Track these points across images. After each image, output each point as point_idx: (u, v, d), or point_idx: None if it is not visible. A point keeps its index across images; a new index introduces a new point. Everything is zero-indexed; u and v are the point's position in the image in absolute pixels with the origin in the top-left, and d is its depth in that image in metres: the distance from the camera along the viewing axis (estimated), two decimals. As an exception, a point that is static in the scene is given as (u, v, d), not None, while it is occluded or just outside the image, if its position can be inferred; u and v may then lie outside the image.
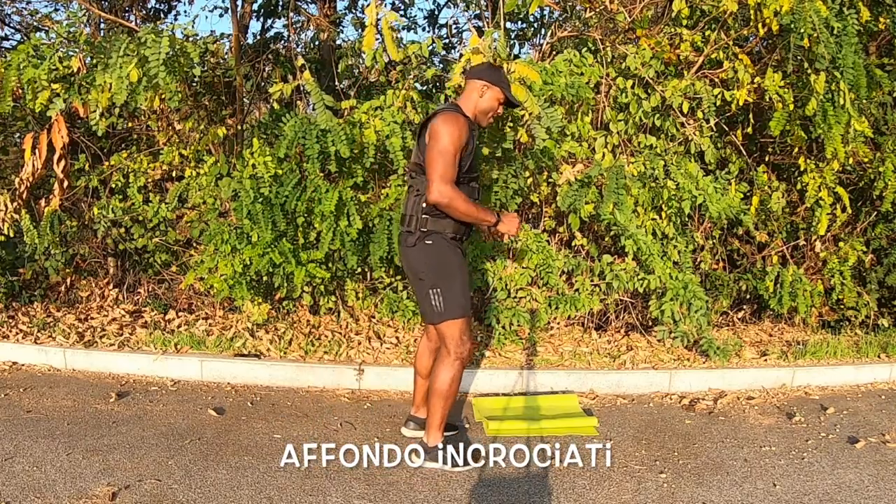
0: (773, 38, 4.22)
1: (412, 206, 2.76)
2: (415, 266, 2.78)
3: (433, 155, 2.62)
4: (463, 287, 2.79)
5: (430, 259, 2.74)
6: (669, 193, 4.03)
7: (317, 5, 6.01)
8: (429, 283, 2.75)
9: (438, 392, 2.81)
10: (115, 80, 3.32)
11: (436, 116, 2.69)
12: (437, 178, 2.60)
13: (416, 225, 2.74)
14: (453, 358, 2.78)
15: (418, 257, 2.76)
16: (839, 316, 4.87)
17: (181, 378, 3.85)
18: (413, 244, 2.75)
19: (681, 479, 2.85)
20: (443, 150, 2.60)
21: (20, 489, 2.55)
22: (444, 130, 2.62)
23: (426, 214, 2.72)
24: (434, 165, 2.60)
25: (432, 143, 2.63)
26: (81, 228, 4.68)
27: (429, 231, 2.73)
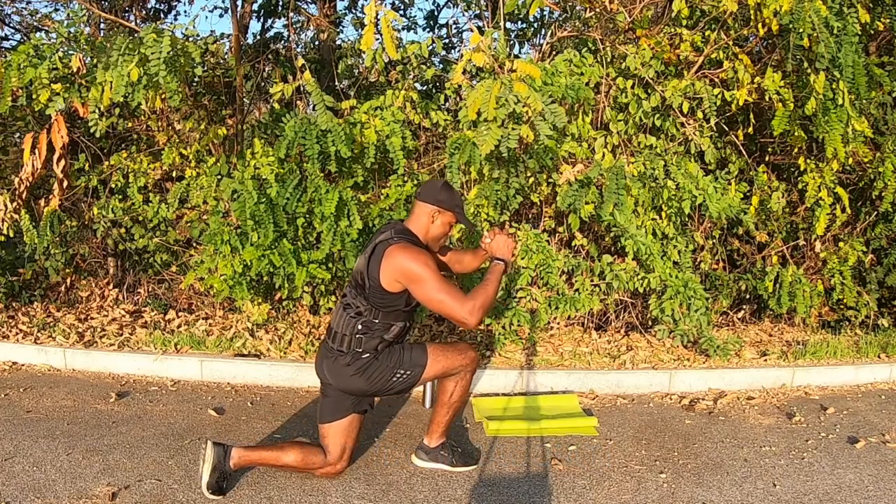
0: (773, 38, 4.22)
1: (346, 324, 2.61)
2: (353, 385, 2.63)
3: (432, 297, 2.44)
4: (410, 350, 2.67)
5: (372, 370, 2.62)
6: (669, 193, 4.03)
7: (317, 5, 6.02)
8: (384, 383, 2.63)
9: (450, 404, 2.81)
10: (116, 77, 3.32)
11: (390, 247, 2.51)
12: (462, 311, 2.42)
13: (351, 345, 2.60)
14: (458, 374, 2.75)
15: (356, 374, 2.61)
16: (839, 316, 4.87)
17: (181, 378, 3.85)
18: (348, 363, 2.61)
19: (681, 479, 2.85)
20: (433, 286, 2.44)
21: (20, 489, 2.55)
22: (416, 266, 2.46)
23: (361, 335, 2.59)
24: (444, 304, 2.44)
25: (417, 286, 2.47)
26: (81, 228, 4.69)
27: (363, 350, 2.60)
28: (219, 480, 2.54)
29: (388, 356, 2.64)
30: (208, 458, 2.51)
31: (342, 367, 2.62)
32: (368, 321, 2.59)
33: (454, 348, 2.76)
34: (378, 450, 3.03)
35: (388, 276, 2.50)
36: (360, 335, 2.60)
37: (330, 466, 2.68)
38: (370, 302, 2.57)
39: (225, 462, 2.55)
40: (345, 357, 2.61)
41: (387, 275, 2.50)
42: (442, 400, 2.81)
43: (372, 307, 2.58)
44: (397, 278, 2.50)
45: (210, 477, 2.50)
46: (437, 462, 2.88)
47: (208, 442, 2.54)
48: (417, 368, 2.66)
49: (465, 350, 2.77)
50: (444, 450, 2.88)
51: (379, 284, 2.52)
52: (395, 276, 2.50)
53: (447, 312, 2.46)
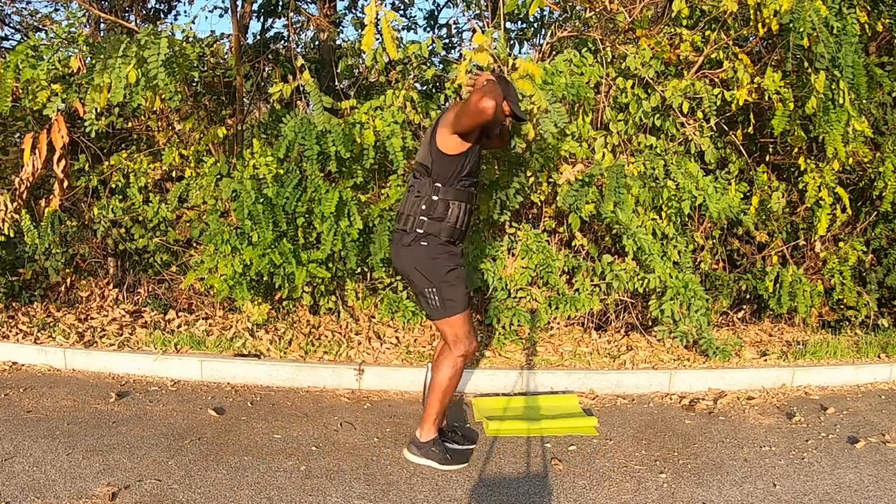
0: (773, 38, 4.22)
1: (411, 206, 2.79)
2: (408, 265, 2.80)
3: (464, 108, 2.60)
4: (458, 285, 2.80)
5: (425, 259, 2.77)
6: (669, 193, 4.03)
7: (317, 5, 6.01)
8: (424, 282, 2.78)
9: (438, 385, 2.85)
10: (114, 79, 3.32)
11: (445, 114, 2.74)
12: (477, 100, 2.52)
13: (413, 225, 2.77)
14: (455, 354, 2.81)
15: (413, 256, 2.78)
16: (839, 316, 4.87)
17: (181, 378, 3.85)
18: (408, 244, 2.78)
19: (681, 479, 2.85)
20: (459, 107, 2.64)
21: (20, 489, 2.55)
22: (451, 110, 2.70)
23: (424, 216, 2.75)
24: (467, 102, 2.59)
25: (457, 116, 2.63)
26: (81, 228, 4.68)
27: (425, 233, 2.76)
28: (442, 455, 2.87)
29: (441, 267, 2.77)
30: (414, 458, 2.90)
31: (403, 248, 2.80)
32: (430, 200, 2.75)
33: (471, 331, 2.87)
34: (378, 450, 3.03)
35: (443, 134, 2.71)
36: (423, 216, 2.76)
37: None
38: (430, 174, 2.75)
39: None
40: (408, 236, 2.79)
41: (442, 134, 2.71)
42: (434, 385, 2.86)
43: (432, 182, 2.75)
44: (449, 129, 2.68)
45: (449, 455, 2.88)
46: (427, 458, 2.89)
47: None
48: (443, 310, 2.79)
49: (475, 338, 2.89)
50: (435, 446, 2.89)
51: (438, 150, 2.72)
52: (448, 129, 2.68)
53: (467, 115, 2.57)
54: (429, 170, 2.75)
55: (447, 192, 2.75)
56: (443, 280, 2.76)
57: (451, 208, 2.76)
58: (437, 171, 2.74)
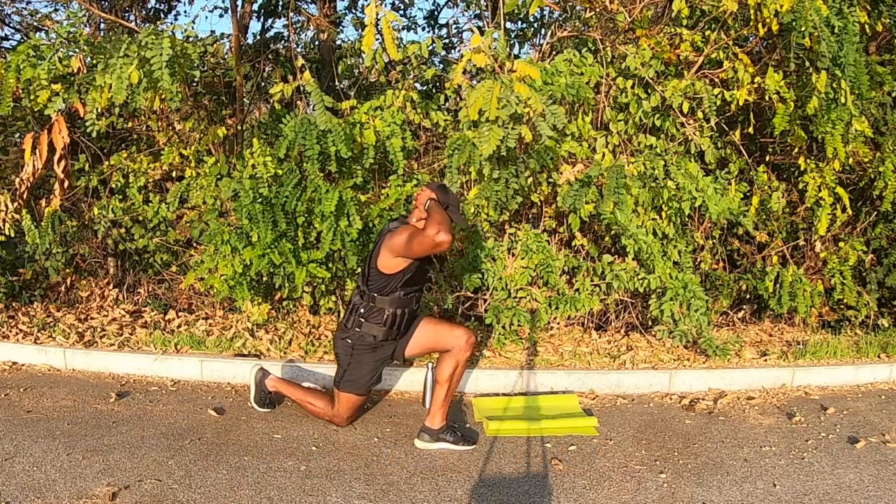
0: (773, 38, 4.22)
1: (354, 305, 3.10)
2: (335, 345, 3.16)
3: (408, 244, 2.84)
4: (364, 373, 3.09)
5: (347, 350, 3.09)
6: (669, 193, 4.03)
7: (317, 5, 6.01)
8: (340, 361, 3.14)
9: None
10: (115, 80, 3.32)
11: (393, 229, 3.02)
12: (429, 236, 2.73)
13: (352, 324, 3.07)
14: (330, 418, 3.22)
15: (340, 344, 3.12)
16: (839, 316, 4.86)
17: (181, 378, 3.85)
18: (343, 338, 3.10)
19: (681, 479, 2.85)
20: (406, 237, 2.85)
21: (20, 489, 2.55)
22: (398, 236, 2.93)
23: (363, 318, 3.04)
24: (416, 241, 2.80)
25: (399, 248, 2.89)
26: (81, 228, 4.68)
27: (361, 333, 3.05)
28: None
29: (360, 356, 3.08)
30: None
31: (338, 338, 3.14)
32: (367, 305, 3.04)
33: (353, 414, 3.24)
34: (378, 450, 3.03)
35: (385, 255, 2.96)
36: (362, 318, 3.05)
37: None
38: (368, 285, 3.03)
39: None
40: (346, 331, 3.10)
41: (384, 255, 2.96)
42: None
43: (368, 291, 3.03)
44: (393, 254, 2.92)
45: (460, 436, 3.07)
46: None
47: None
48: (348, 384, 3.11)
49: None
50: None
51: (376, 268, 2.99)
52: (391, 253, 2.93)
53: (423, 245, 2.78)
54: (367, 279, 3.02)
55: (384, 300, 3.01)
56: (350, 365, 3.09)
57: (386, 314, 3.02)
58: (373, 283, 3.00)
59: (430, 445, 3.05)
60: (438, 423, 3.06)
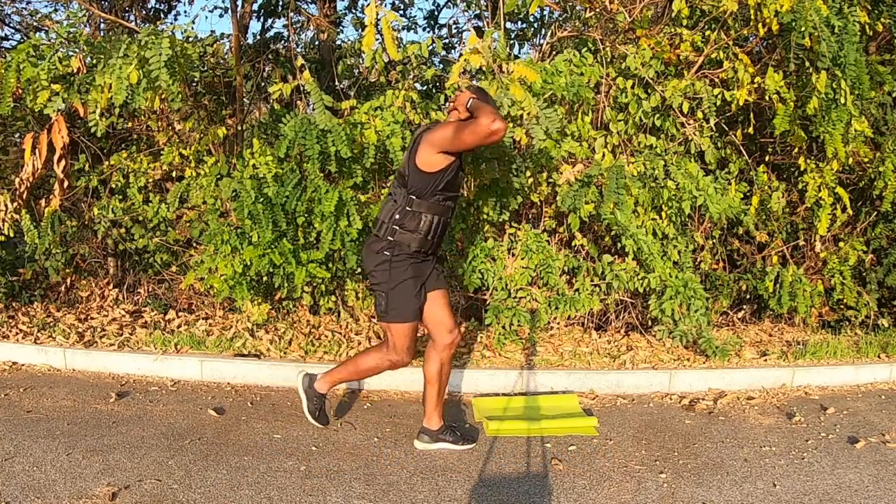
0: (773, 38, 4.22)
1: (387, 213, 2.89)
2: (369, 265, 2.92)
3: (461, 136, 2.64)
4: (409, 296, 2.89)
5: (385, 265, 2.87)
6: (669, 193, 4.03)
7: (317, 5, 6.01)
8: (378, 284, 2.91)
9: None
10: (115, 80, 3.32)
11: (429, 128, 2.81)
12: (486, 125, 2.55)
13: (385, 232, 2.86)
14: (385, 361, 3.04)
15: (376, 260, 2.89)
16: (839, 316, 4.86)
17: (181, 378, 3.85)
18: (377, 251, 2.88)
19: (681, 479, 2.85)
20: (456, 128, 2.66)
21: (20, 489, 2.55)
22: (441, 130, 2.74)
23: (396, 226, 2.84)
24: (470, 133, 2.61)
25: (448, 140, 2.68)
26: (81, 228, 4.68)
27: (395, 241, 2.85)
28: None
29: (402, 272, 2.86)
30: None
31: (370, 252, 2.91)
32: (403, 209, 2.82)
33: (412, 344, 2.99)
34: (378, 450, 3.03)
35: (425, 151, 2.75)
36: (396, 225, 2.84)
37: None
38: (406, 185, 2.81)
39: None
40: (378, 242, 2.89)
41: (424, 151, 2.75)
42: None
43: (408, 192, 2.81)
44: (435, 148, 2.72)
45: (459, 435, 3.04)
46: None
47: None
48: (388, 315, 2.90)
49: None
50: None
51: (415, 165, 2.77)
52: (432, 149, 2.73)
53: (476, 135, 2.60)
54: (405, 181, 2.82)
55: (421, 204, 2.82)
56: (393, 288, 2.87)
57: (423, 220, 2.83)
58: (413, 184, 2.81)
59: (429, 446, 3.04)
60: (436, 423, 3.05)
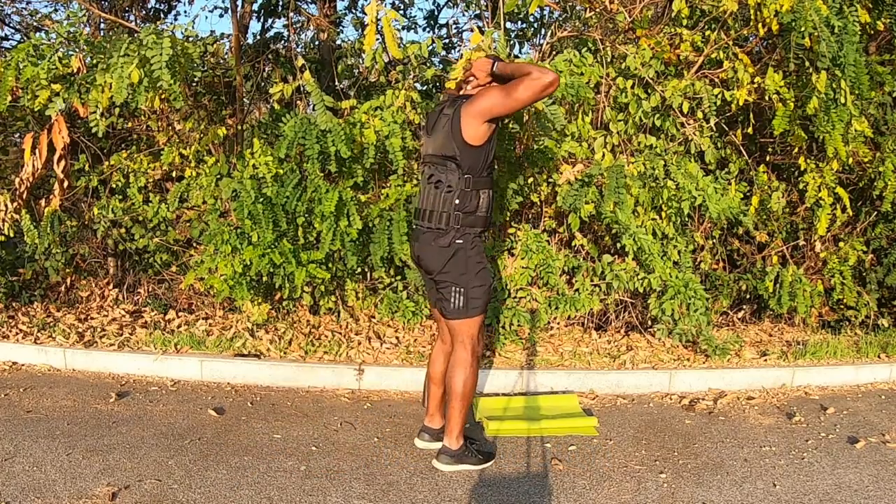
0: (773, 38, 4.22)
1: (441, 202, 2.70)
2: (438, 263, 2.73)
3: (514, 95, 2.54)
4: (485, 285, 2.78)
5: (461, 260, 2.73)
6: (669, 193, 4.03)
7: (317, 5, 6.01)
8: (452, 282, 2.74)
9: (457, 394, 2.81)
10: (116, 80, 3.32)
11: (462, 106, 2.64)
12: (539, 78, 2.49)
13: (449, 222, 2.69)
14: (469, 356, 2.80)
15: (446, 256, 2.72)
16: (839, 316, 4.87)
17: (181, 378, 3.85)
18: (448, 244, 2.71)
19: (681, 479, 2.85)
20: (504, 91, 2.56)
21: (20, 489, 2.55)
22: (486, 97, 2.61)
23: (458, 211, 2.69)
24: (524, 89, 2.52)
25: (500, 103, 2.58)
26: (81, 228, 4.68)
27: (462, 228, 2.70)
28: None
29: (476, 259, 2.74)
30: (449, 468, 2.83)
31: (438, 248, 2.72)
32: (463, 192, 2.67)
33: (480, 335, 2.88)
34: (378, 450, 3.03)
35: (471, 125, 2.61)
36: (458, 211, 2.69)
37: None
38: (461, 166, 2.66)
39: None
40: (446, 235, 2.71)
41: (470, 125, 2.61)
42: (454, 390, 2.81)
43: (462, 174, 2.66)
44: (483, 117, 2.60)
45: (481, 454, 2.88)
46: (462, 464, 2.86)
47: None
48: (465, 311, 2.76)
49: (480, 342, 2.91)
50: (467, 451, 2.87)
51: (464, 142, 2.63)
52: (479, 119, 2.60)
53: (533, 89, 2.52)
54: (458, 162, 2.67)
55: (477, 182, 2.70)
56: (472, 281, 2.74)
57: (481, 198, 2.72)
58: (467, 163, 2.67)
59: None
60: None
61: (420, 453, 3.01)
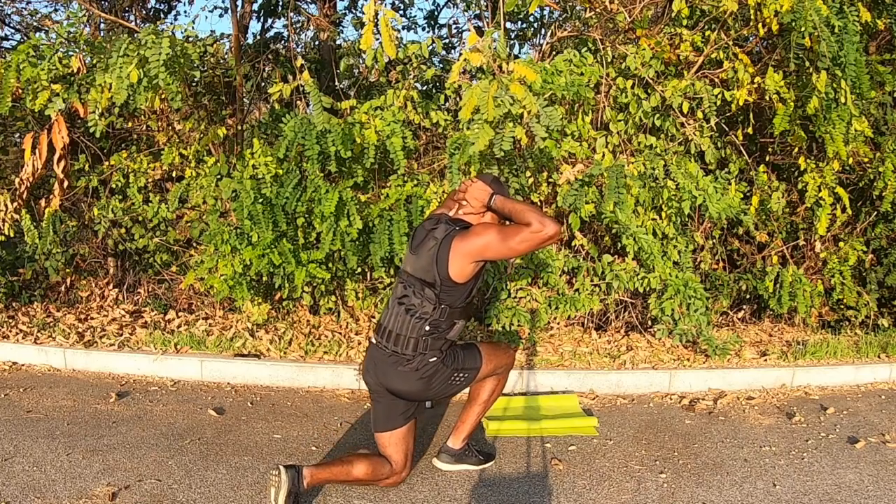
0: (773, 38, 4.22)
1: (410, 328, 2.54)
2: (417, 384, 2.58)
3: (509, 245, 2.41)
4: (467, 348, 2.72)
5: (438, 367, 2.59)
6: (669, 193, 4.03)
7: (317, 5, 6.01)
8: (447, 378, 2.63)
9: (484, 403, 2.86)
10: (115, 80, 3.33)
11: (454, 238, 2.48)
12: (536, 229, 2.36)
13: (416, 348, 2.54)
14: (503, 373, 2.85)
15: (422, 375, 2.57)
16: (839, 316, 4.87)
17: (181, 378, 3.85)
18: (416, 368, 2.55)
19: (681, 479, 2.85)
20: (502, 236, 2.43)
21: (20, 489, 2.55)
22: (482, 236, 2.47)
23: (428, 337, 2.54)
24: (520, 240, 2.40)
25: (493, 249, 2.44)
26: (81, 228, 4.69)
27: (428, 351, 2.56)
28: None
29: (451, 359, 2.63)
30: (283, 483, 2.40)
31: (407, 372, 2.55)
32: (436, 321, 2.53)
33: (498, 347, 2.86)
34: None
35: (459, 263, 2.47)
36: (427, 336, 2.53)
37: (396, 476, 2.62)
38: (440, 299, 2.51)
39: (299, 484, 2.45)
40: (412, 361, 2.54)
41: (457, 263, 2.47)
42: (480, 398, 2.84)
43: (440, 305, 2.51)
44: (472, 259, 2.46)
45: (286, 502, 2.42)
46: (462, 463, 2.89)
47: (279, 467, 2.42)
48: (473, 371, 2.69)
49: (507, 349, 2.89)
50: (468, 451, 2.91)
51: (448, 277, 2.48)
52: (468, 259, 2.46)
53: (531, 242, 2.40)
54: (437, 293, 2.51)
55: (453, 313, 2.56)
56: (457, 361, 2.65)
57: (455, 326, 2.60)
58: (446, 296, 2.52)
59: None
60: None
61: (419, 453, 3.01)
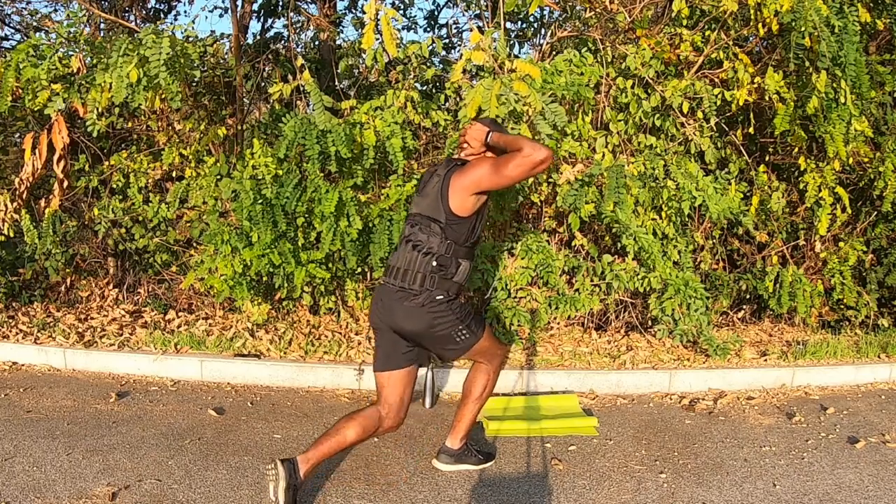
0: (773, 38, 4.22)
1: (417, 262, 2.56)
2: (424, 322, 2.58)
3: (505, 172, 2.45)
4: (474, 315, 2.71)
5: (444, 310, 2.59)
6: (669, 193, 4.03)
7: (317, 5, 6.02)
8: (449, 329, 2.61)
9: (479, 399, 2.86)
10: (115, 79, 3.33)
11: (454, 174, 2.55)
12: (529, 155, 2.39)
13: (424, 283, 2.55)
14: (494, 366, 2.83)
15: (429, 313, 2.57)
16: (839, 316, 4.87)
17: (181, 378, 3.85)
18: (422, 303, 2.55)
19: (681, 479, 2.85)
20: (497, 165, 2.47)
21: (20, 489, 2.55)
22: (477, 169, 2.52)
23: (435, 274, 2.56)
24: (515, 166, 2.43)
25: (490, 178, 2.49)
26: (81, 228, 4.69)
27: (436, 289, 2.56)
28: (294, 497, 2.45)
29: (459, 309, 2.63)
30: (281, 477, 2.38)
31: (413, 307, 2.55)
32: (442, 257, 2.56)
33: (497, 338, 2.87)
34: (378, 450, 3.03)
35: (458, 196, 2.52)
36: (435, 273, 2.55)
37: (389, 420, 2.60)
38: (445, 234, 2.56)
39: (296, 475, 2.43)
40: (418, 296, 2.55)
41: (457, 196, 2.52)
42: (473, 395, 2.84)
43: (446, 239, 2.56)
44: (470, 191, 2.51)
45: (286, 496, 2.39)
46: (462, 463, 2.89)
47: (275, 461, 2.40)
48: (475, 334, 2.67)
49: (502, 342, 2.92)
50: (467, 451, 2.90)
51: (451, 210, 2.53)
52: (466, 192, 2.51)
53: (523, 167, 2.43)
54: (442, 227, 2.56)
55: (458, 250, 2.58)
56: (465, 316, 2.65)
57: (460, 266, 2.60)
58: (451, 230, 2.56)
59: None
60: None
61: (419, 453, 3.01)
